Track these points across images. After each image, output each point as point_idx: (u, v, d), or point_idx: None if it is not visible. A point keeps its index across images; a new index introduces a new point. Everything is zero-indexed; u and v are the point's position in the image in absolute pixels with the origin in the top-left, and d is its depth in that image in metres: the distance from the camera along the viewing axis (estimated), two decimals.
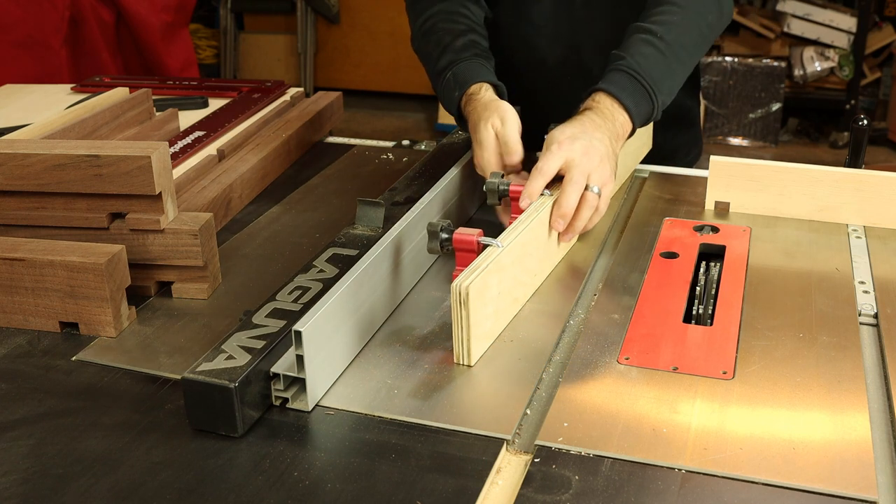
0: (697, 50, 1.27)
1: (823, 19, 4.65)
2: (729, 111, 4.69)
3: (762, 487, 0.74)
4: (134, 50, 3.18)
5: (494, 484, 0.75)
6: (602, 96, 1.18)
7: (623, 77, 1.18)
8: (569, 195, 1.07)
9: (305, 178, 1.45)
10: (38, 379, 0.91)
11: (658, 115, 1.21)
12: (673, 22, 1.22)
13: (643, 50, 1.20)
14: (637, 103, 1.18)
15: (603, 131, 1.13)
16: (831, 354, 0.92)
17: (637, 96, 1.18)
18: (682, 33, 1.23)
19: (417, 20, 1.37)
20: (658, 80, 1.19)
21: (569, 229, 1.09)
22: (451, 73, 1.26)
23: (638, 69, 1.18)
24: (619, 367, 0.90)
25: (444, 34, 1.32)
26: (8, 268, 0.97)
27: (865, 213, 1.22)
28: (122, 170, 1.00)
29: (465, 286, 0.87)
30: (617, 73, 1.19)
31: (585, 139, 1.09)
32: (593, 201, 1.09)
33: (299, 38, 5.24)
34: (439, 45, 1.31)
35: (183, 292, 1.06)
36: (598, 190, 1.09)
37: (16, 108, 1.75)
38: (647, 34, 1.21)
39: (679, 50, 1.22)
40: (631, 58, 1.19)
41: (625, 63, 1.19)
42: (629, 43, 1.22)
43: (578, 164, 1.07)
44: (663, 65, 1.20)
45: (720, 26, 1.30)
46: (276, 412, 0.84)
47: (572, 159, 1.08)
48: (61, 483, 0.75)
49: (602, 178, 1.09)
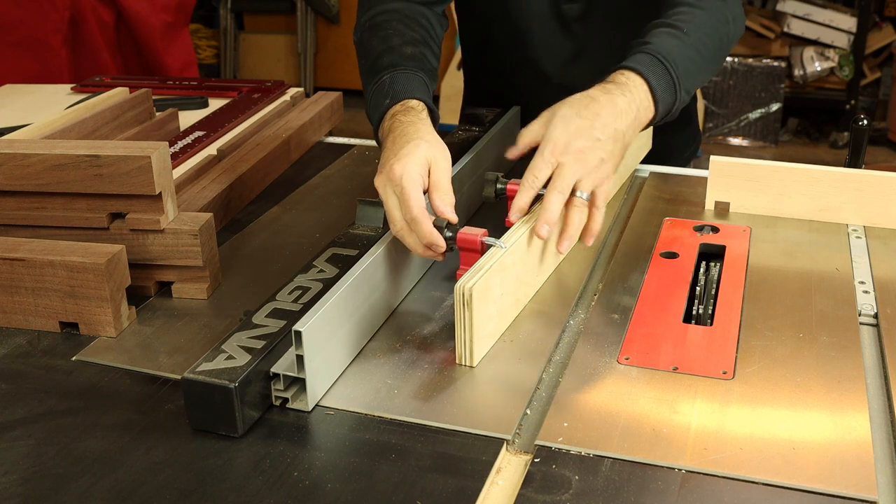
0: (717, 55, 1.20)
1: (823, 19, 4.65)
2: (729, 111, 4.69)
3: (762, 487, 0.74)
4: (134, 50, 3.18)
5: (494, 484, 0.75)
6: (633, 76, 1.08)
7: (653, 62, 1.09)
8: (550, 202, 0.99)
9: (305, 178, 1.45)
10: (38, 379, 0.91)
11: (677, 112, 1.13)
12: (695, 21, 1.16)
13: (670, 42, 1.12)
14: (664, 91, 1.09)
15: (621, 120, 1.04)
16: (831, 354, 0.92)
17: (664, 84, 1.09)
18: (705, 33, 1.16)
19: (369, 11, 1.25)
20: (685, 73, 1.11)
21: (563, 237, 1.02)
22: (388, 77, 1.13)
23: (666, 55, 1.10)
24: (619, 367, 0.90)
25: (394, 35, 1.19)
26: (8, 268, 0.97)
27: (865, 213, 1.22)
28: (122, 170, 1.00)
29: (469, 287, 0.87)
30: (646, 55, 1.10)
31: (586, 139, 1.01)
32: (581, 206, 1.02)
33: (299, 38, 5.24)
34: (385, 42, 1.18)
35: (183, 292, 1.06)
36: (586, 196, 1.01)
37: (16, 108, 1.75)
38: (673, 28, 1.14)
39: (703, 48, 1.15)
40: (658, 46, 1.10)
41: (653, 48, 1.10)
42: (653, 33, 1.13)
43: (567, 172, 1.00)
44: (688, 60, 1.12)
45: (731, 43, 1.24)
46: (276, 412, 0.84)
47: (563, 164, 1.00)
48: (61, 483, 0.75)
49: (593, 182, 1.02)
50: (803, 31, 4.68)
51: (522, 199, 1.01)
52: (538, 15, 1.38)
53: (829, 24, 4.65)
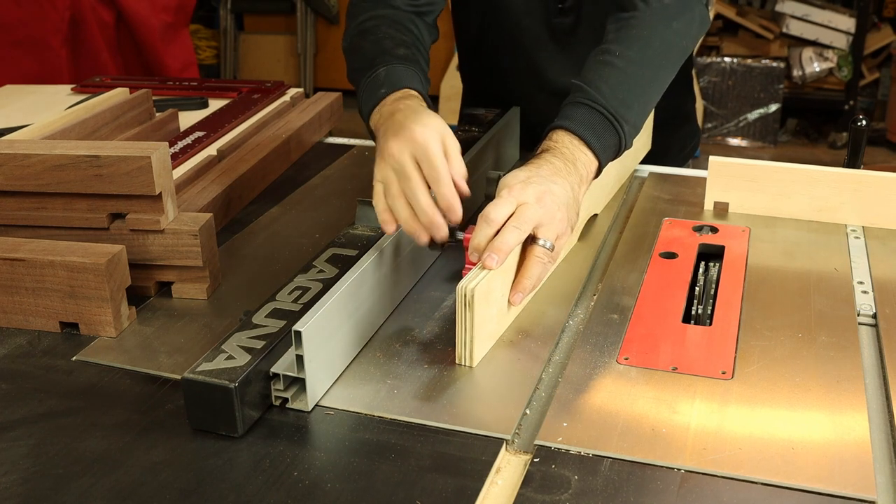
0: (667, 60, 1.14)
1: (822, 20, 4.65)
2: (728, 112, 4.69)
3: (761, 487, 0.74)
4: (134, 50, 3.18)
5: (494, 484, 0.76)
6: (561, 134, 1.04)
7: (583, 110, 1.05)
8: (506, 234, 0.91)
9: (305, 179, 1.45)
10: (38, 379, 0.91)
11: (629, 144, 1.09)
12: (632, 36, 1.11)
13: (602, 73, 1.08)
14: (601, 137, 1.05)
15: (563, 176, 0.99)
16: (830, 354, 0.92)
17: (600, 129, 1.05)
18: (644, 46, 1.10)
19: (358, 17, 1.23)
20: (622, 105, 1.06)
21: (518, 287, 0.95)
22: (383, 70, 1.10)
23: (598, 98, 1.05)
24: (619, 367, 0.90)
25: (386, 38, 1.17)
26: (8, 268, 0.97)
27: (864, 213, 1.23)
28: (122, 170, 1.00)
29: (471, 288, 0.87)
30: (575, 106, 1.06)
31: (541, 185, 0.95)
32: (543, 256, 0.95)
33: (299, 39, 5.24)
34: (378, 45, 1.16)
35: (183, 292, 1.06)
36: (549, 245, 0.95)
37: (16, 109, 1.75)
38: (606, 55, 1.10)
39: (644, 65, 1.10)
40: (589, 86, 1.07)
41: (582, 94, 1.06)
42: (587, 68, 1.10)
43: (527, 210, 0.93)
44: (626, 87, 1.07)
45: (694, 30, 1.18)
46: (275, 412, 0.85)
47: (523, 204, 0.93)
48: (61, 483, 0.75)
49: (556, 230, 0.96)
50: (802, 31, 4.69)
51: (482, 235, 0.92)
52: (531, 27, 1.40)
53: (827, 24, 4.65)
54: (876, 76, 4.79)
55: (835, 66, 4.64)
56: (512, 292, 0.96)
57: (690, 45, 1.18)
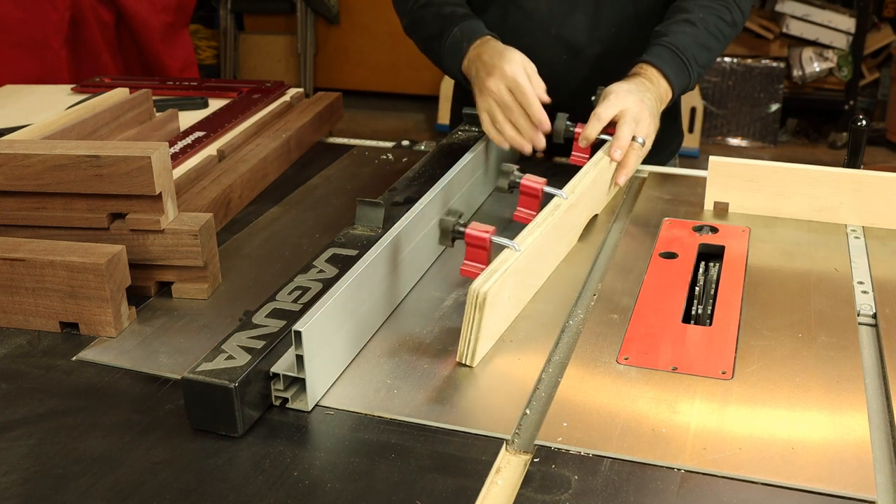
0: (730, 30, 1.42)
1: (822, 20, 4.65)
2: (728, 111, 4.69)
3: (761, 487, 0.74)
4: (134, 50, 3.18)
5: (494, 484, 0.76)
6: (647, 67, 1.34)
7: (665, 51, 1.35)
8: (624, 131, 1.23)
9: (305, 179, 1.45)
10: (38, 379, 0.91)
11: (693, 85, 1.40)
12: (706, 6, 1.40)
13: (684, 28, 1.37)
14: (677, 74, 1.35)
15: (652, 92, 1.30)
16: (830, 354, 0.92)
17: (676, 68, 1.35)
18: (716, 18, 1.40)
19: (408, 4, 1.46)
20: (694, 55, 1.36)
21: (622, 170, 1.25)
22: (457, 29, 1.36)
23: (678, 44, 1.35)
24: (619, 367, 0.90)
25: (444, 5, 1.42)
26: (8, 268, 0.97)
27: (864, 213, 1.23)
28: (122, 170, 1.00)
29: (484, 291, 0.87)
30: (659, 47, 1.36)
31: (639, 94, 1.27)
32: (639, 150, 1.25)
33: (299, 39, 5.24)
34: (439, 12, 1.41)
35: (183, 292, 1.06)
36: (642, 141, 1.24)
37: (16, 109, 1.75)
38: (685, 13, 1.39)
39: (714, 30, 1.39)
40: (672, 34, 1.36)
41: (667, 39, 1.36)
42: (672, 21, 1.39)
43: (632, 111, 1.24)
44: (699, 42, 1.37)
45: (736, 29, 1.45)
46: (275, 412, 0.85)
47: (627, 108, 1.24)
48: (61, 483, 0.75)
49: (647, 130, 1.26)
50: (802, 31, 4.68)
51: (592, 128, 1.24)
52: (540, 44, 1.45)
53: (827, 24, 4.65)
54: (876, 76, 4.79)
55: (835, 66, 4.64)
56: (618, 175, 1.26)
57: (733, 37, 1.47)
